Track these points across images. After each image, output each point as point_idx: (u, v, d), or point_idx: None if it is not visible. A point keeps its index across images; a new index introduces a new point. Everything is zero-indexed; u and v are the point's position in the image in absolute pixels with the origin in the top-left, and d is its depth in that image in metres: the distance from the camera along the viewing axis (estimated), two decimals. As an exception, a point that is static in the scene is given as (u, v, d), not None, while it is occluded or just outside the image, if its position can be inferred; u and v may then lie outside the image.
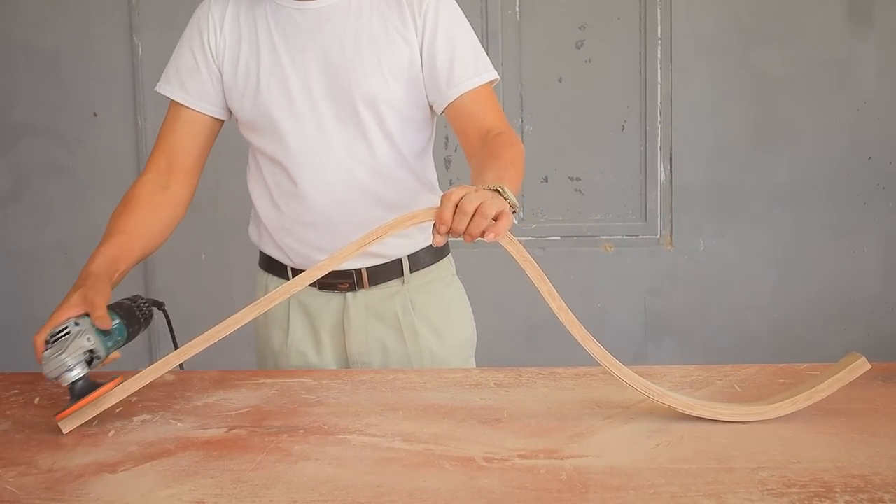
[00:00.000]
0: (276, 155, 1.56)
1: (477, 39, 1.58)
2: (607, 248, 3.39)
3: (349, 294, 1.62)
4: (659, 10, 3.28)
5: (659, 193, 3.37)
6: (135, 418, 1.26)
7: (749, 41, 3.28)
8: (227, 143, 3.23)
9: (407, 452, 1.10)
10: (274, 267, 1.66)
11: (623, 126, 3.34)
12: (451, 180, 3.23)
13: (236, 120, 1.61)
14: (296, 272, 1.62)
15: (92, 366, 1.26)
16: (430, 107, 1.58)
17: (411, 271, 1.63)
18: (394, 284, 1.63)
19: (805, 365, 1.43)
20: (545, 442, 1.13)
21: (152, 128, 3.41)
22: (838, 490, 0.96)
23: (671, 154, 3.35)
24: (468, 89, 1.52)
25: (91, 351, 1.25)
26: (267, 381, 1.43)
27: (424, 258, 1.65)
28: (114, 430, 1.22)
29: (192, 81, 1.57)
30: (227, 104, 1.59)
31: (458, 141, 1.58)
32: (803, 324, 3.39)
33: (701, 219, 3.38)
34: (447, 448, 1.11)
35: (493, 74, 1.56)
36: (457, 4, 1.57)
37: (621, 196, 3.38)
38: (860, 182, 3.34)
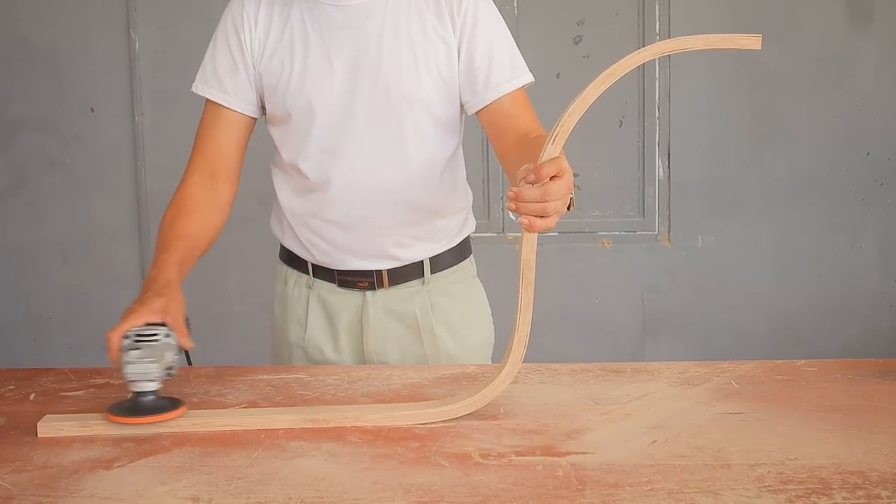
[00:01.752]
0: (303, 151, 1.54)
1: (513, 40, 1.56)
2: (605, 244, 3.39)
3: (368, 293, 1.61)
4: (657, 6, 3.28)
5: (657, 189, 3.37)
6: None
7: (747, 37, 3.27)
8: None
9: (403, 448, 1.10)
10: (295, 261, 1.66)
11: (621, 122, 3.34)
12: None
13: (264, 115, 1.60)
14: (316, 269, 1.63)
15: (159, 385, 1.21)
16: (461, 107, 1.57)
17: (432, 272, 1.63)
18: (414, 285, 1.62)
19: (802, 361, 1.43)
20: (542, 438, 1.12)
21: (149, 123, 3.41)
22: (835, 487, 0.96)
23: (669, 150, 3.35)
24: (506, 92, 1.51)
25: (171, 368, 1.21)
26: (263, 377, 1.42)
27: (446, 259, 1.65)
28: (109, 426, 1.22)
29: (230, 81, 1.54)
30: (262, 102, 1.57)
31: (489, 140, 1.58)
32: (801, 320, 3.39)
33: (699, 215, 3.38)
34: (443, 444, 1.11)
35: (529, 77, 1.55)
36: (493, 4, 1.56)
37: (619, 192, 3.38)
38: (858, 178, 3.34)
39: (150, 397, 1.19)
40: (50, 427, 1.18)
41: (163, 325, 1.23)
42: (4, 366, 1.55)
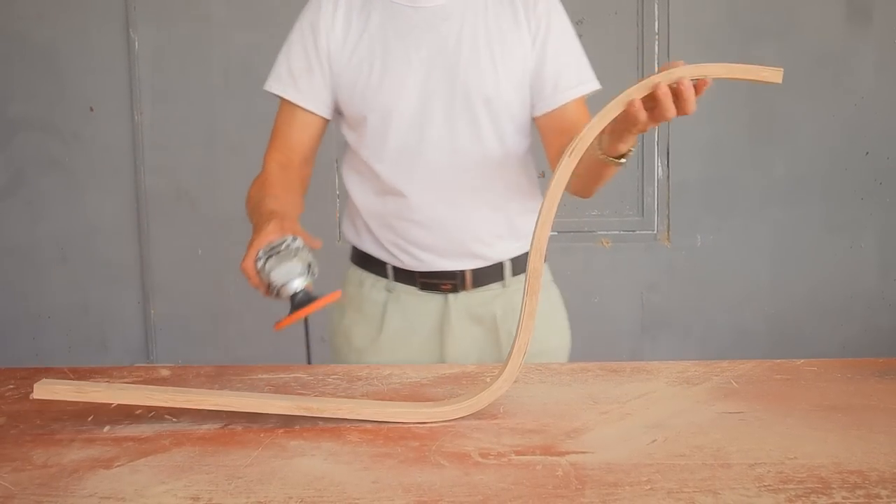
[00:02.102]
0: (382, 152, 1.55)
1: (581, 47, 1.58)
2: (604, 243, 3.39)
3: (451, 295, 1.62)
4: (656, 5, 3.28)
5: (656, 189, 3.37)
6: (130, 414, 1.26)
7: (746, 36, 3.28)
8: (223, 139, 3.22)
9: (403, 448, 1.10)
10: (373, 264, 1.65)
11: (620, 121, 3.34)
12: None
13: (340, 116, 1.60)
14: (398, 271, 1.62)
15: (307, 280, 1.23)
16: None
17: (513, 275, 1.63)
18: (494, 287, 1.63)
19: (802, 360, 1.43)
20: (541, 438, 1.12)
21: (148, 122, 3.40)
22: (835, 486, 0.96)
23: (668, 149, 3.35)
24: (573, 98, 1.53)
25: (310, 264, 1.23)
26: (263, 376, 1.42)
27: (525, 262, 1.65)
28: (109, 425, 1.22)
29: (304, 81, 1.56)
30: (335, 103, 1.58)
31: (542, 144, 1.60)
32: (800, 319, 3.40)
33: (698, 214, 3.38)
34: (443, 444, 1.11)
35: (596, 84, 1.57)
36: (565, 10, 1.58)
37: (618, 191, 3.38)
38: (857, 177, 3.34)
39: (302, 294, 1.22)
40: (45, 390, 1.18)
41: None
42: (4, 365, 1.55)
